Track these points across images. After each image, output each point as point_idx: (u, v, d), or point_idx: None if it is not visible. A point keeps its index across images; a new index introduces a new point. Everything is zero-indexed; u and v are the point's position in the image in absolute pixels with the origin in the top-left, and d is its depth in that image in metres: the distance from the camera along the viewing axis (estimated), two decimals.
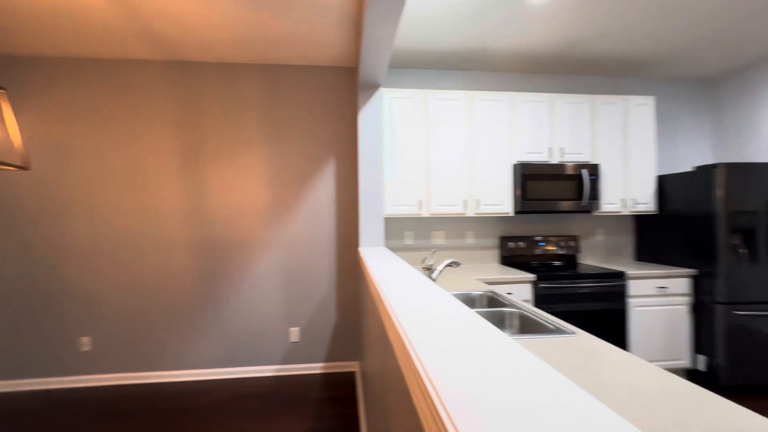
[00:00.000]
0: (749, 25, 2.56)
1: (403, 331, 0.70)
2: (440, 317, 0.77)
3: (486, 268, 2.99)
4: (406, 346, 0.63)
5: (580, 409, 0.40)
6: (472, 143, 2.92)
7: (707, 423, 0.73)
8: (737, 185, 2.66)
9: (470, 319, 0.75)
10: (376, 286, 1.19)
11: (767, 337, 2.67)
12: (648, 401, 0.82)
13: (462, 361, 0.54)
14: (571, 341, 1.23)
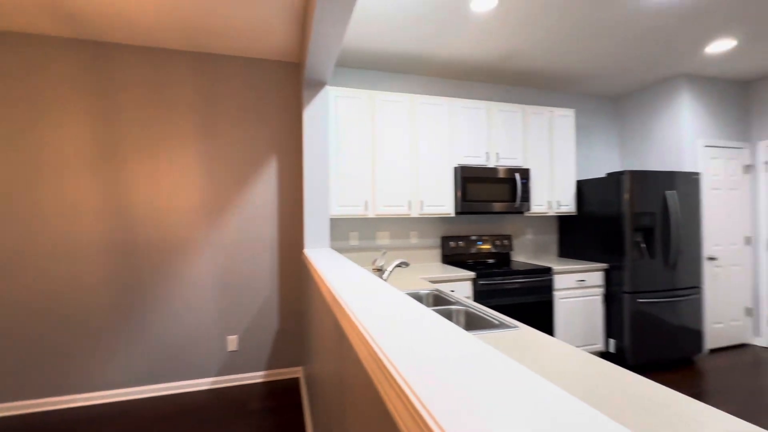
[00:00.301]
0: (650, 53, 2.97)
1: (369, 335, 0.68)
2: (405, 320, 0.77)
3: (429, 267, 3.08)
4: (377, 352, 0.61)
5: (549, 398, 0.42)
6: (416, 145, 3.00)
7: (624, 391, 0.82)
8: (639, 190, 3.07)
9: (436, 321, 0.76)
10: (329, 288, 1.15)
11: (662, 320, 3.12)
12: (583, 378, 0.91)
13: (443, 367, 0.54)
14: (515, 335, 1.31)
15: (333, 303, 1.07)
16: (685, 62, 3.19)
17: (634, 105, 3.93)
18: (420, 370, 0.52)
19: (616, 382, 0.92)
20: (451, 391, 0.45)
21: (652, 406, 0.80)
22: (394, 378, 0.53)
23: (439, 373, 0.51)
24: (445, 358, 0.55)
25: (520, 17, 2.42)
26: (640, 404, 0.81)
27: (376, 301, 0.93)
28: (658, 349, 3.11)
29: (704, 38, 2.75)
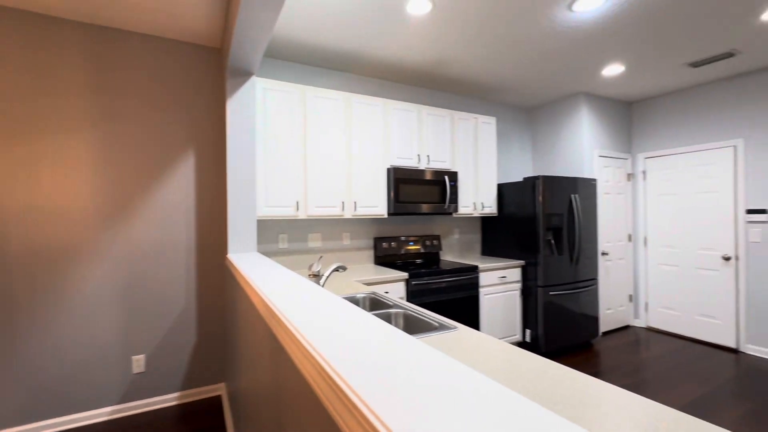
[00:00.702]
0: (558, 71, 3.31)
1: (313, 348, 0.60)
2: (348, 329, 0.71)
3: (363, 269, 3.04)
4: (323, 366, 0.54)
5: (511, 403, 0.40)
6: (350, 145, 2.93)
7: (540, 374, 0.88)
8: (550, 193, 3.40)
9: (380, 328, 0.71)
10: (262, 298, 1.04)
11: (568, 310, 3.50)
12: (534, 380, 0.94)
13: (392, 374, 0.49)
14: (455, 336, 1.33)
15: (267, 313, 0.96)
16: (585, 82, 3.62)
17: (544, 117, 4.37)
18: (369, 380, 0.46)
19: (550, 377, 0.97)
20: (405, 400, 0.40)
21: (564, 387, 0.86)
22: (344, 392, 0.46)
23: (389, 381, 0.46)
24: (395, 366, 0.50)
25: (450, 25, 2.50)
26: (559, 387, 0.86)
27: (314, 310, 0.85)
28: (565, 336, 3.48)
29: (600, 62, 3.15)
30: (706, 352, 3.51)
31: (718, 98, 3.62)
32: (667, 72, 3.38)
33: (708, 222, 3.71)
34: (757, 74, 3.37)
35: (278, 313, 0.84)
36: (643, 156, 4.24)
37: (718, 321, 3.65)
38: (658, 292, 4.13)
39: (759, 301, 3.38)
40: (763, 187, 3.35)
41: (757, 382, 2.87)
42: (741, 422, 2.34)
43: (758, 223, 3.38)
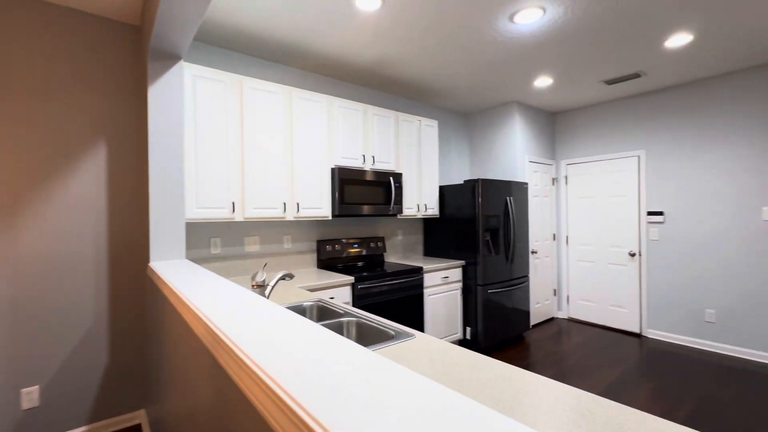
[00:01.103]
0: (495, 79, 3.48)
1: (266, 375, 0.50)
2: (304, 346, 0.61)
3: (306, 274, 2.88)
4: (278, 393, 0.44)
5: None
6: (292, 142, 2.75)
7: (479, 369, 0.87)
8: (488, 195, 3.56)
9: (339, 343, 0.62)
10: (200, 316, 0.88)
11: (504, 306, 3.70)
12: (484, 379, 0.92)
13: (362, 397, 0.41)
14: (415, 345, 1.28)
15: (209, 337, 0.81)
16: (518, 91, 3.86)
17: (481, 122, 4.57)
18: (336, 407, 0.38)
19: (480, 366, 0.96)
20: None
21: (501, 382, 0.86)
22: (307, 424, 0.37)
23: (358, 406, 0.38)
24: (374, 397, 0.43)
25: (398, 24, 2.47)
26: (498, 383, 0.86)
27: (266, 331, 0.73)
28: (501, 331, 3.67)
29: (533, 74, 3.37)
30: (616, 338, 3.95)
31: (627, 113, 4.10)
32: (587, 87, 3.74)
33: (617, 222, 4.19)
34: (658, 93, 3.88)
35: (227, 340, 0.70)
36: (566, 162, 4.65)
37: (625, 310, 4.13)
38: (577, 286, 4.56)
39: (657, 291, 3.90)
40: (660, 192, 3.87)
41: (657, 362, 3.29)
42: (649, 399, 2.65)
43: (656, 224, 3.90)
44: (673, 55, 2.99)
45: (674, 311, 3.79)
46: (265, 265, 1.44)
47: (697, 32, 2.61)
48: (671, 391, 2.78)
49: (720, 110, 3.47)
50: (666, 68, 3.27)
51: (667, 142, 3.81)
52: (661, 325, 3.87)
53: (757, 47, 2.87)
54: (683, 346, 3.66)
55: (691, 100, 3.64)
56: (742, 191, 3.36)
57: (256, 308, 0.93)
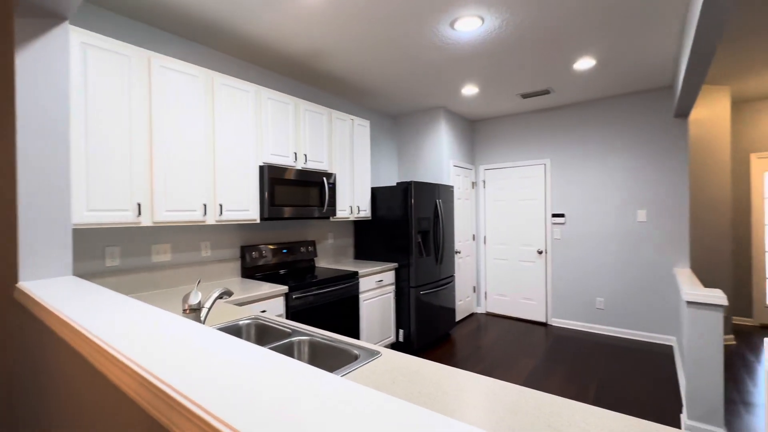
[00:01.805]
0: (425, 84, 3.53)
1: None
2: (270, 383, 0.46)
3: (230, 285, 2.53)
4: None
5: None
6: (214, 135, 2.39)
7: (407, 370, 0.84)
8: (420, 198, 3.60)
9: (309, 374, 0.49)
10: (122, 359, 0.64)
11: (434, 306, 3.79)
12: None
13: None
14: (385, 365, 1.16)
15: (140, 389, 0.58)
16: (447, 97, 4.00)
17: (409, 125, 4.64)
18: None
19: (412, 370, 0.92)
20: None
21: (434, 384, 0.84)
22: None
23: None
24: None
25: (338, 14, 2.31)
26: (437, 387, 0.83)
27: (231, 372, 0.55)
28: (432, 331, 3.75)
29: (463, 81, 3.51)
30: (528, 328, 4.36)
31: (536, 125, 4.55)
32: (506, 98, 4.05)
33: (528, 223, 4.63)
34: (563, 109, 4.38)
35: (192, 406, 0.49)
36: (483, 168, 4.99)
37: (534, 302, 4.59)
38: (493, 282, 4.92)
39: (559, 284, 4.41)
40: (561, 196, 4.38)
41: (563, 347, 3.71)
42: (564, 382, 2.95)
43: (559, 225, 4.41)
44: (579, 76, 3.39)
45: (572, 301, 4.32)
46: (199, 282, 1.16)
47: (599, 58, 3.00)
48: (579, 372, 3.14)
49: (612, 127, 4.06)
50: (571, 87, 3.70)
51: (568, 153, 4.34)
52: (563, 314, 4.39)
53: (642, 75, 3.42)
54: (580, 331, 4.20)
55: (590, 116, 4.19)
56: (624, 197, 3.99)
57: (209, 342, 0.71)
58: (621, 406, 2.60)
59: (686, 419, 2.29)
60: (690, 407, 2.28)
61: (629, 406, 2.60)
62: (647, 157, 3.86)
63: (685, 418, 2.31)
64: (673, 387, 2.86)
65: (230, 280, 2.72)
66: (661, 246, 3.79)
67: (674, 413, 2.50)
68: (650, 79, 3.49)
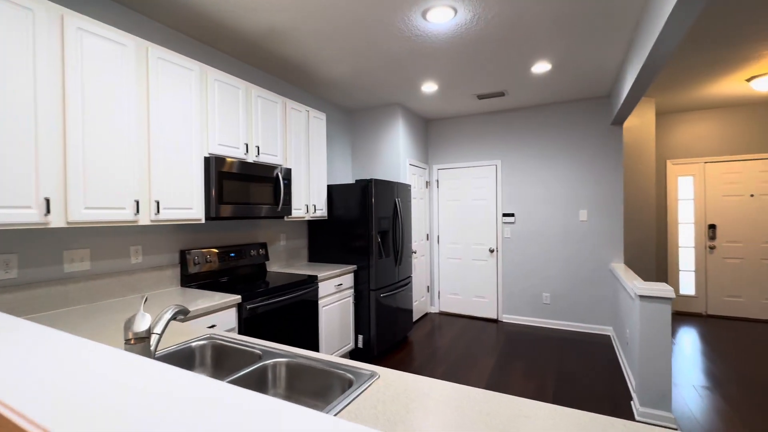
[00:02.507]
0: (387, 77, 3.39)
1: None
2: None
3: (168, 296, 2.15)
4: None
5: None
6: (149, 117, 1.99)
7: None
8: (380, 196, 3.45)
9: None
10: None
11: (394, 309, 3.66)
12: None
13: None
14: (388, 389, 0.98)
15: None
16: (406, 93, 3.89)
17: (365, 121, 4.46)
18: None
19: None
20: None
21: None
22: None
23: None
24: None
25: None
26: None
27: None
28: (391, 335, 3.61)
29: (424, 77, 3.43)
30: (481, 325, 4.44)
31: (489, 126, 4.65)
32: (462, 98, 4.07)
33: (480, 222, 4.72)
34: (514, 111, 4.52)
35: None
36: (437, 167, 5.00)
37: (486, 299, 4.69)
38: (446, 281, 4.95)
39: (509, 281, 4.56)
40: (512, 196, 4.53)
41: (517, 343, 3.81)
42: (524, 377, 3.00)
43: (509, 224, 4.55)
44: (534, 80, 3.50)
45: (521, 297, 4.49)
46: (145, 299, 0.87)
47: (555, 63, 3.10)
48: (536, 367, 3.22)
49: (557, 131, 4.28)
50: (525, 90, 3.82)
51: (518, 154, 4.49)
52: (513, 310, 4.54)
53: (587, 84, 3.63)
54: (529, 326, 4.37)
55: (538, 120, 4.38)
56: (568, 197, 4.23)
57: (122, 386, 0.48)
58: (579, 398, 2.70)
59: (638, 406, 2.43)
60: (642, 394, 2.42)
61: (586, 398, 2.71)
62: (587, 160, 4.14)
63: (637, 404, 2.45)
64: (619, 375, 3.06)
65: (168, 291, 2.32)
66: (599, 243, 4.08)
67: (626, 400, 2.65)
68: (593, 87, 3.73)
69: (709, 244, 4.69)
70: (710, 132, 4.65)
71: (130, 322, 0.84)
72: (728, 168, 4.59)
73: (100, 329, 1.53)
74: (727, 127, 4.57)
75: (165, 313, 0.97)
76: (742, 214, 4.53)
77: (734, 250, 4.57)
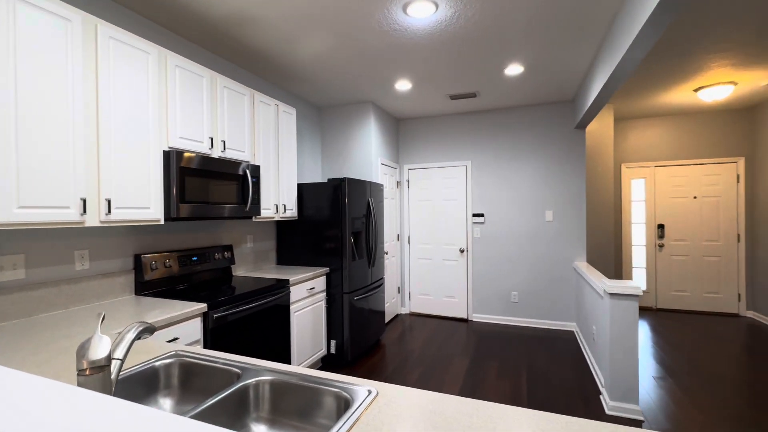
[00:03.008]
0: (361, 71, 3.29)
1: None
2: None
3: (121, 307, 1.91)
4: None
5: None
6: (98, 103, 1.75)
7: None
8: (354, 196, 3.34)
9: None
10: None
11: (367, 312, 3.56)
12: None
13: None
14: (390, 406, 0.89)
15: None
16: (379, 91, 3.80)
17: (336, 118, 4.32)
18: None
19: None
20: None
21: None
22: None
23: None
24: None
25: None
26: None
27: None
28: (365, 339, 3.51)
29: (399, 74, 3.36)
30: (452, 325, 4.45)
31: (461, 127, 4.68)
32: (435, 98, 4.05)
33: (451, 223, 4.74)
34: (485, 113, 4.58)
35: None
36: (408, 167, 4.96)
37: (456, 299, 4.72)
38: (417, 282, 4.92)
39: (479, 280, 4.61)
40: (481, 197, 4.59)
41: (488, 342, 3.85)
42: (498, 376, 3.02)
43: (479, 224, 4.61)
44: (506, 82, 3.54)
45: (491, 296, 4.56)
46: (103, 318, 0.71)
47: (527, 65, 3.16)
48: (508, 366, 3.26)
49: (527, 133, 4.38)
50: (496, 92, 3.86)
51: (487, 156, 4.56)
52: (483, 309, 4.60)
53: (554, 88, 3.73)
54: (499, 324, 4.45)
55: (507, 122, 4.46)
56: (535, 198, 4.35)
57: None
58: (552, 396, 2.75)
59: (609, 400, 2.51)
60: (612, 388, 2.50)
61: (559, 395, 2.77)
62: (553, 162, 4.28)
63: (607, 399, 2.53)
64: (586, 370, 3.16)
65: (120, 300, 2.07)
66: (564, 243, 4.23)
67: (595, 395, 2.73)
68: (560, 92, 3.85)
69: (659, 242, 5.03)
70: (661, 138, 4.99)
71: (85, 348, 0.68)
72: (676, 172, 4.95)
73: (40, 351, 1.30)
74: (675, 134, 4.92)
75: (127, 332, 0.81)
76: (686, 214, 4.91)
77: (680, 248, 4.94)
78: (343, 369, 3.21)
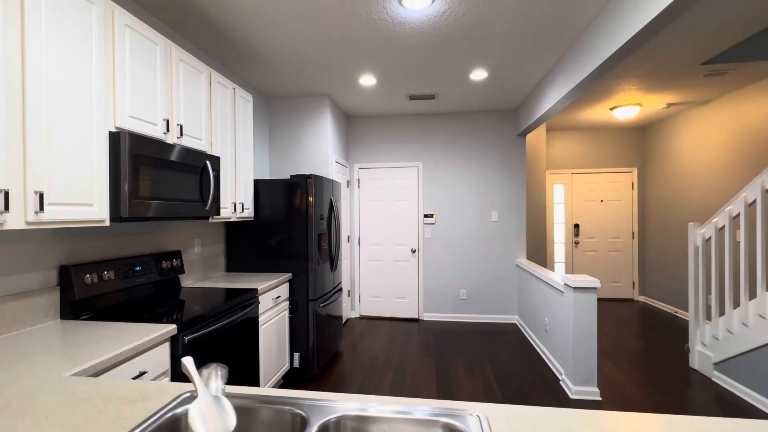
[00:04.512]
0: (337, 62, 3.06)
1: None
2: None
3: (44, 337, 1.42)
4: None
5: None
6: (24, 63, 1.27)
7: None
8: (319, 195, 3.09)
9: None
10: None
11: (330, 319, 3.32)
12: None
13: None
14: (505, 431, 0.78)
15: None
16: (337, 84, 3.59)
17: (286, 110, 3.97)
18: None
19: None
20: None
21: None
22: None
23: None
24: None
25: None
26: None
27: None
28: (329, 349, 3.27)
29: (366, 68, 3.21)
30: (406, 326, 4.44)
31: (413, 128, 4.69)
32: (395, 97, 3.99)
33: (402, 223, 4.73)
34: (439, 116, 4.66)
35: None
36: (358, 166, 4.81)
37: (408, 300, 4.72)
38: (367, 284, 4.81)
39: (429, 280, 4.69)
40: (433, 198, 4.68)
41: (446, 340, 3.93)
42: (467, 372, 3.07)
43: (430, 224, 4.69)
44: (467, 85, 3.64)
45: (441, 295, 4.67)
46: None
47: (491, 72, 3.29)
48: (472, 362, 3.35)
49: (476, 137, 4.58)
50: (454, 96, 3.96)
51: (438, 157, 4.66)
52: (433, 308, 4.69)
53: (506, 96, 3.96)
54: (450, 321, 4.58)
55: (458, 126, 4.61)
56: (483, 200, 4.59)
57: None
58: (520, 387, 2.89)
59: (572, 386, 2.73)
60: (574, 374, 2.72)
61: (525, 385, 2.92)
62: (498, 166, 4.56)
63: (570, 385, 2.75)
64: (539, 360, 3.41)
65: (42, 328, 1.55)
66: (507, 241, 4.54)
67: (555, 381, 2.95)
68: (509, 100, 4.12)
69: (575, 240, 5.74)
70: (578, 148, 5.70)
71: None
72: (588, 179, 5.71)
73: None
74: (590, 145, 5.67)
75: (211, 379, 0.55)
76: (596, 215, 5.69)
77: (591, 244, 5.70)
78: (310, 384, 2.94)
